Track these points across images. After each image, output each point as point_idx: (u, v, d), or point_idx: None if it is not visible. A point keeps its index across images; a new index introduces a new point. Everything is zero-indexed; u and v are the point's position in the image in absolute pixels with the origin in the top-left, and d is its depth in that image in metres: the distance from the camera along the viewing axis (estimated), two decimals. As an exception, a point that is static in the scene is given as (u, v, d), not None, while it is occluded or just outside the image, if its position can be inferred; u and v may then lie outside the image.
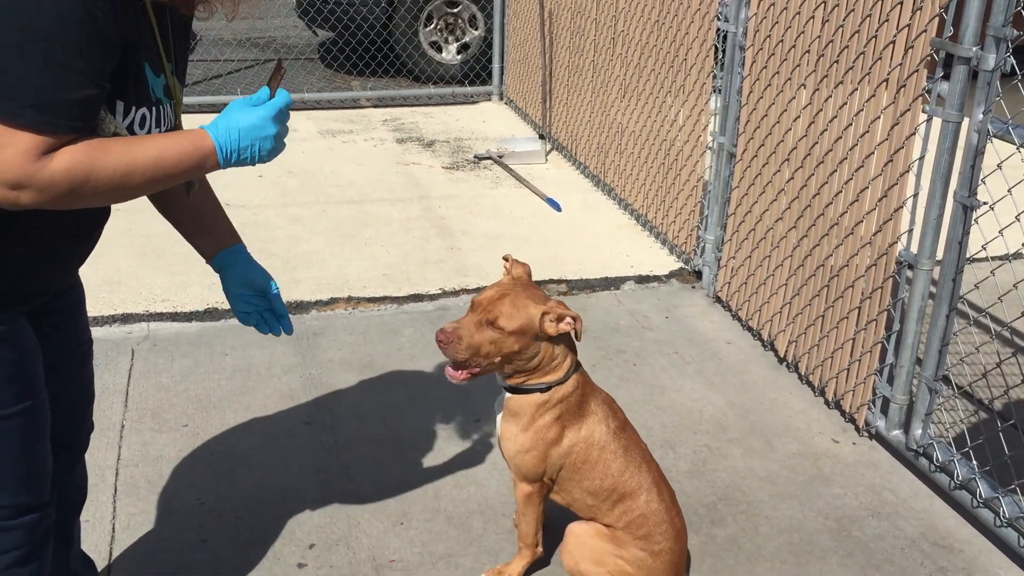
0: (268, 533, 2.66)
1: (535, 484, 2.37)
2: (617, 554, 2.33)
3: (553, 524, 2.48)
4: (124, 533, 2.64)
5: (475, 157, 6.03)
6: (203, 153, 1.62)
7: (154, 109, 1.66)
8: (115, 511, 2.72)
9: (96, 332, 3.56)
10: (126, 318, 3.80)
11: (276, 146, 1.68)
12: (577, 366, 2.35)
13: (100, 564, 2.51)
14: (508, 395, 2.34)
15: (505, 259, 2.42)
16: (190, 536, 2.64)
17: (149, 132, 1.64)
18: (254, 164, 1.68)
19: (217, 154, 1.62)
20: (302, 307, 3.96)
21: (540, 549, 2.48)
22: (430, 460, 3.01)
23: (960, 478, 2.82)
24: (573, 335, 2.29)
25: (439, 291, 4.19)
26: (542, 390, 2.30)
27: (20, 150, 1.44)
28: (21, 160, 1.45)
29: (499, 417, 2.39)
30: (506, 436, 2.36)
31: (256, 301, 2.06)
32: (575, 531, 2.39)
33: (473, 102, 7.41)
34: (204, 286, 4.07)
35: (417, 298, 4.12)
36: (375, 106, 7.21)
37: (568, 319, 2.24)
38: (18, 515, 1.79)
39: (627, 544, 2.33)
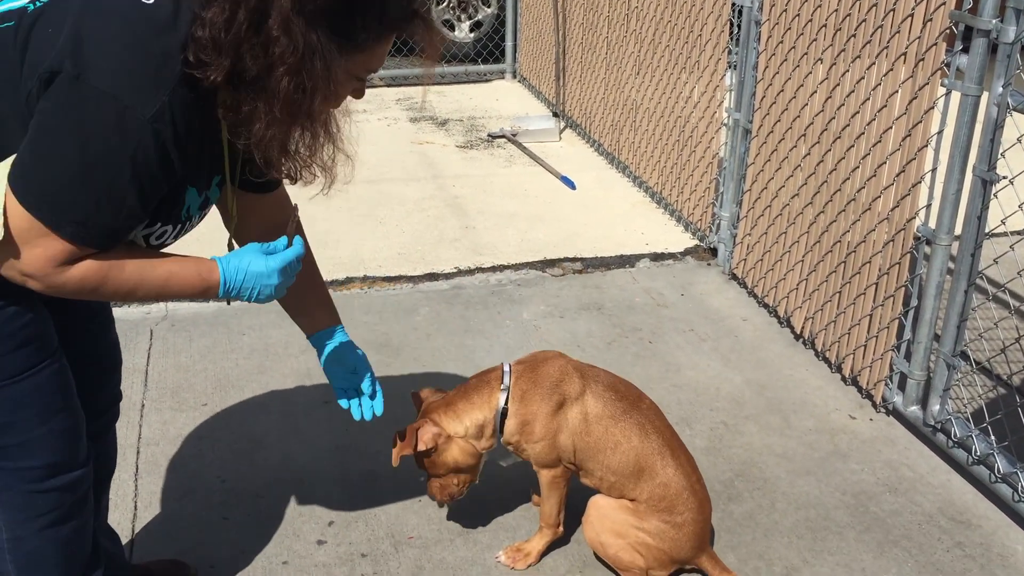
0: (288, 510, 2.69)
1: (556, 468, 2.38)
2: (638, 526, 2.34)
3: (573, 504, 2.49)
4: (146, 511, 2.67)
5: (489, 136, 6.01)
6: (207, 285, 1.74)
7: (177, 226, 1.75)
8: (137, 489, 2.75)
9: (115, 312, 3.57)
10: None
11: (275, 293, 1.80)
12: (506, 387, 2.38)
13: (122, 541, 2.53)
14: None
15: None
16: (211, 514, 2.67)
17: (163, 243, 1.73)
18: (249, 302, 1.80)
19: (220, 287, 1.74)
20: (318, 287, 3.98)
21: (561, 529, 2.50)
22: (447, 438, 3.02)
23: (978, 453, 2.81)
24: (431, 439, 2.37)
25: (454, 270, 4.19)
26: (503, 414, 2.39)
27: (49, 254, 1.55)
28: (45, 262, 1.56)
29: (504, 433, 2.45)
30: (512, 442, 2.42)
31: (348, 378, 2.21)
32: (597, 503, 2.40)
33: (486, 80, 7.38)
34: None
35: (432, 277, 4.13)
36: (388, 85, 7.19)
37: (422, 441, 2.36)
38: (51, 476, 1.82)
39: (648, 516, 2.34)
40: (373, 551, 2.55)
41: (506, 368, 2.41)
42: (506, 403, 2.37)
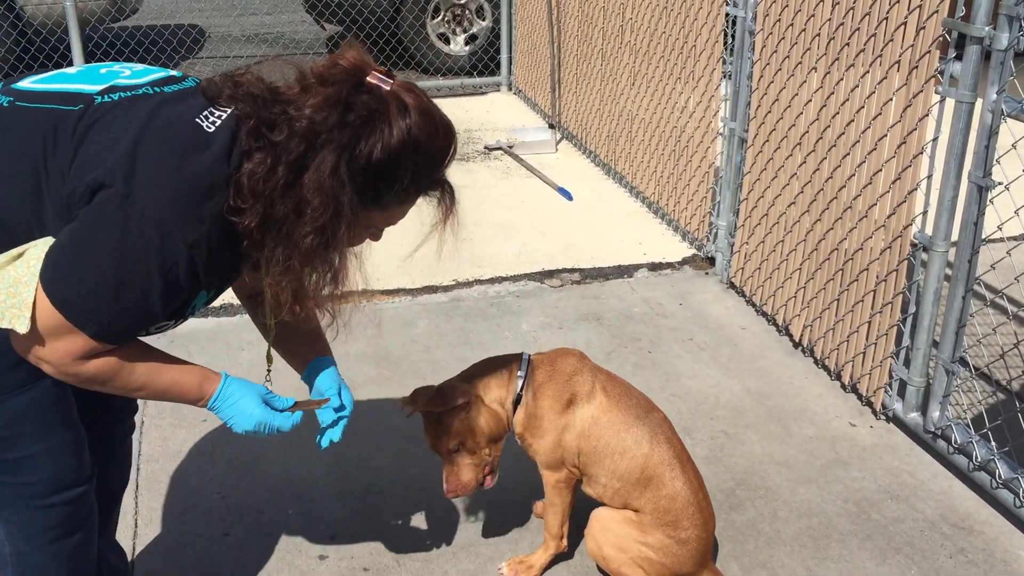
0: (289, 526, 2.68)
1: (561, 471, 2.38)
2: (642, 540, 2.33)
3: (577, 517, 2.48)
4: (147, 528, 2.67)
5: (485, 148, 6.02)
6: (202, 396, 1.83)
7: (180, 320, 1.80)
8: (137, 506, 2.74)
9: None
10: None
11: (247, 433, 1.88)
12: (523, 374, 2.37)
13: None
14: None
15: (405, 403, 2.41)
16: (212, 530, 2.66)
17: (162, 331, 1.80)
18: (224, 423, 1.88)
19: (210, 400, 1.83)
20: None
21: (565, 543, 2.48)
22: (448, 451, 3.02)
23: (979, 459, 2.81)
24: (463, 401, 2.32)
25: (453, 282, 4.19)
26: (517, 400, 2.37)
27: (69, 349, 1.63)
28: (64, 355, 1.63)
29: (514, 422, 2.42)
30: (519, 434, 2.41)
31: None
32: (600, 515, 2.39)
33: (482, 93, 7.40)
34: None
35: (431, 290, 4.13)
36: (384, 99, 7.20)
37: (461, 397, 2.30)
38: (53, 492, 1.82)
39: (652, 530, 2.32)
40: (375, 565, 2.55)
41: (525, 357, 2.41)
42: (520, 391, 2.36)
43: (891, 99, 2.99)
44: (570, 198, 5.20)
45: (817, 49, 3.36)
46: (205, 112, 1.67)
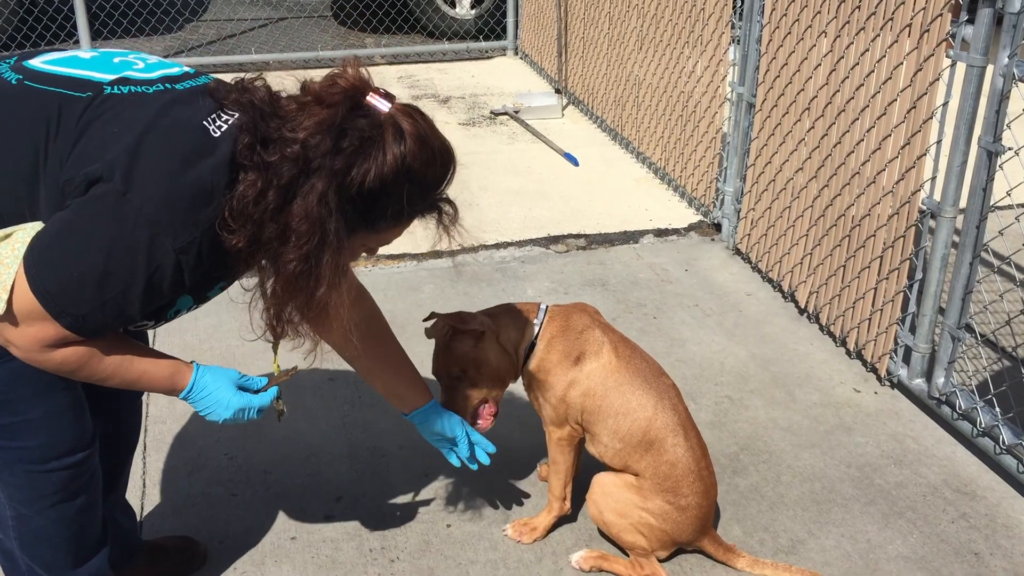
0: (295, 487, 2.70)
1: (564, 428, 2.38)
2: (642, 506, 2.34)
3: (581, 481, 2.50)
4: (154, 488, 2.69)
5: (491, 113, 5.99)
6: (173, 388, 1.82)
7: (161, 323, 1.80)
8: (145, 467, 2.76)
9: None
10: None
11: (221, 422, 1.89)
12: (540, 322, 2.38)
13: (132, 518, 2.56)
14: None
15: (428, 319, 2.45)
16: (219, 490, 2.68)
17: (140, 332, 1.80)
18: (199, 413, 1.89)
19: (182, 392, 1.83)
20: (322, 265, 3.98)
21: (568, 504, 2.50)
22: (453, 414, 3.03)
23: (983, 425, 2.82)
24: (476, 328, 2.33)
25: (458, 247, 4.18)
26: (531, 347, 2.37)
27: (40, 336, 1.61)
28: (34, 342, 1.61)
29: (523, 372, 2.42)
30: (527, 385, 2.42)
31: (448, 443, 2.32)
32: (601, 480, 2.40)
33: (488, 57, 7.35)
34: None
35: (436, 254, 4.13)
36: (389, 63, 7.16)
37: (473, 325, 2.31)
38: (52, 457, 1.82)
39: (653, 496, 2.33)
40: (381, 526, 2.57)
41: (543, 307, 2.42)
42: (535, 339, 2.37)
43: (902, 63, 2.96)
44: (576, 163, 5.18)
45: (827, 13, 3.32)
46: (213, 115, 1.65)
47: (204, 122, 1.64)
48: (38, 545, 1.90)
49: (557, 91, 6.19)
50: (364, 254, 1.87)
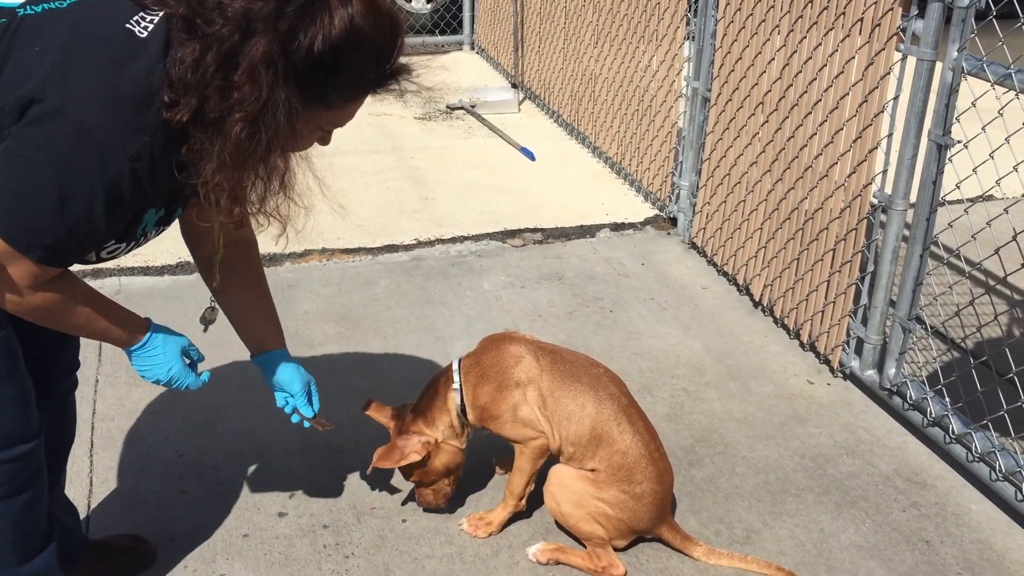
0: (248, 484, 2.66)
1: (531, 443, 2.39)
2: (598, 496, 2.34)
3: (540, 477, 2.48)
4: (102, 486, 2.63)
5: (447, 107, 5.96)
6: (128, 341, 1.88)
7: (132, 243, 1.79)
8: (92, 465, 2.70)
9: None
10: (96, 272, 3.75)
11: (151, 381, 1.94)
12: (458, 386, 2.42)
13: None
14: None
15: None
16: (169, 488, 2.63)
17: (114, 256, 1.79)
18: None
19: (132, 347, 1.88)
20: (276, 259, 3.93)
21: (524, 503, 2.49)
22: (409, 408, 3.01)
23: (933, 415, 2.86)
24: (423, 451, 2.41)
25: (414, 241, 4.16)
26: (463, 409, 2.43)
27: (17, 276, 1.60)
28: (11, 285, 1.62)
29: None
30: (483, 425, 2.47)
31: (287, 397, 2.29)
32: (557, 472, 2.40)
33: (444, 51, 7.32)
34: (175, 239, 4.00)
35: (392, 248, 4.09)
36: (345, 57, 7.09)
37: (412, 454, 2.40)
38: (4, 447, 1.79)
39: (608, 486, 2.33)
40: (335, 522, 2.54)
41: (455, 366, 2.44)
42: (462, 400, 2.41)
43: (853, 57, 2.99)
44: (533, 158, 5.18)
45: (780, 8, 3.35)
46: (136, 17, 1.58)
47: (127, 25, 1.56)
48: None
49: (514, 86, 6.18)
50: (318, 143, 1.79)
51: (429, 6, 7.62)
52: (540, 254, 4.11)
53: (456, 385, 2.42)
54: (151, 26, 1.57)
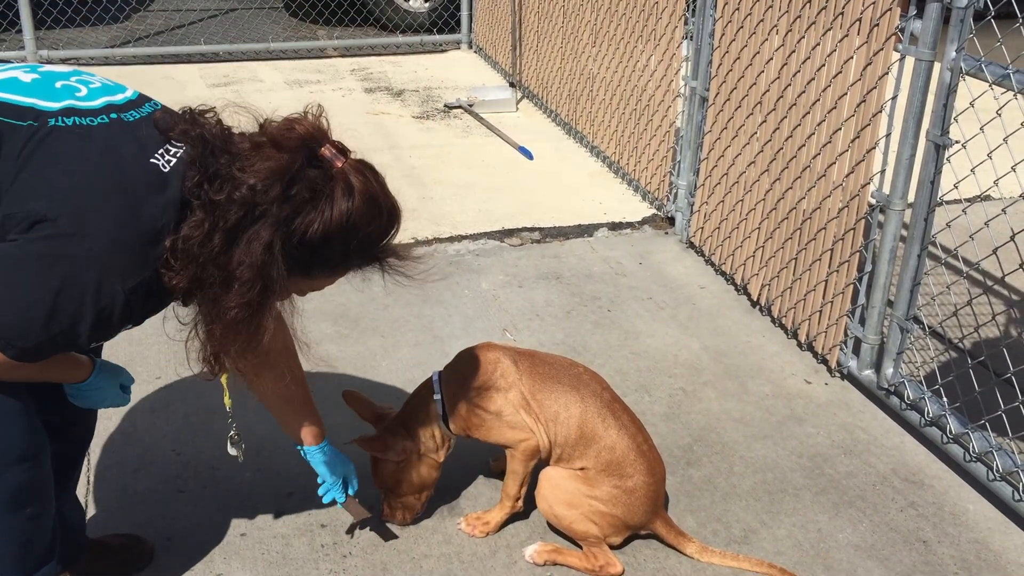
0: (245, 483, 2.66)
1: (520, 445, 2.38)
2: (590, 494, 2.34)
3: (532, 480, 2.48)
4: (100, 484, 2.62)
5: (445, 106, 5.96)
6: (72, 380, 1.89)
7: (109, 339, 1.81)
8: (89, 463, 2.70)
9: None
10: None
11: (89, 407, 1.99)
12: (438, 395, 2.42)
13: (76, 516, 2.49)
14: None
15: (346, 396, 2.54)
16: (166, 486, 2.63)
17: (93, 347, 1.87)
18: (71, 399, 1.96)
19: (75, 384, 1.90)
20: (273, 258, 3.92)
21: (521, 504, 2.49)
22: (406, 408, 3.00)
23: (930, 415, 2.86)
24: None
25: (412, 240, 4.16)
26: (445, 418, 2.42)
27: None
28: None
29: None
30: (470, 435, 2.46)
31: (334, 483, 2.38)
32: (548, 475, 2.40)
33: (442, 51, 7.31)
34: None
35: (390, 248, 4.08)
36: (342, 56, 7.09)
37: (392, 453, 2.40)
38: (10, 463, 1.78)
39: (599, 483, 2.34)
40: (333, 521, 2.53)
41: (435, 378, 2.45)
42: (443, 410, 2.41)
43: (851, 57, 2.99)
44: (531, 157, 5.17)
45: (779, 7, 3.35)
46: (161, 150, 1.63)
47: (152, 159, 1.61)
48: None
49: (511, 85, 6.18)
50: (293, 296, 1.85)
51: (427, 5, 7.62)
52: (538, 253, 4.10)
53: (437, 395, 2.42)
54: (174, 160, 1.62)
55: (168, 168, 1.61)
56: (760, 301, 3.67)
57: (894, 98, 2.89)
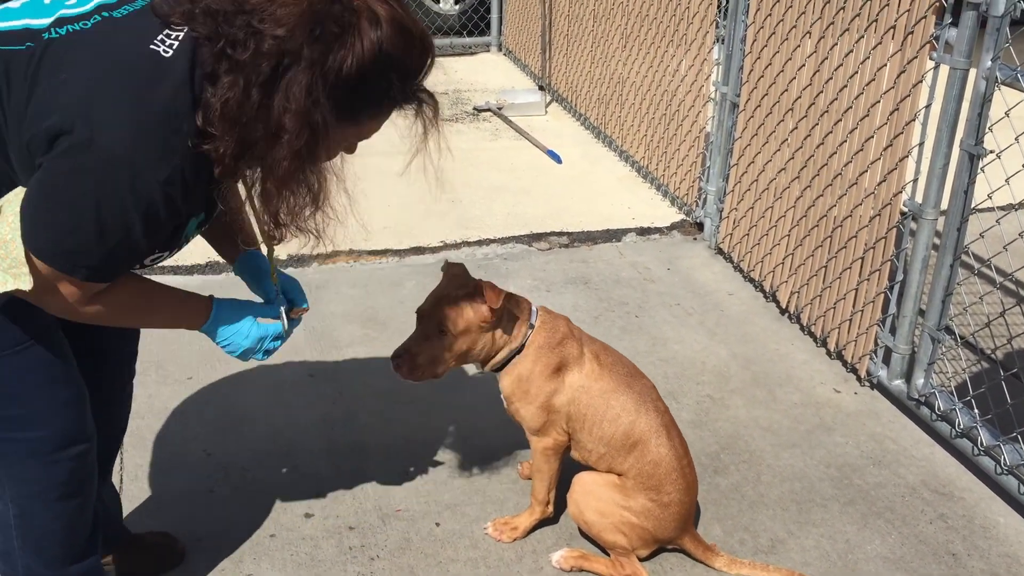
0: (275, 484, 2.68)
1: (548, 437, 2.38)
2: (624, 505, 2.33)
3: (563, 482, 2.48)
4: (132, 484, 2.66)
5: (474, 109, 5.97)
6: (194, 324, 1.90)
7: (174, 250, 1.82)
8: (122, 462, 2.73)
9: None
10: (127, 272, 3.79)
11: (241, 357, 1.96)
12: (532, 326, 2.34)
13: (109, 515, 2.53)
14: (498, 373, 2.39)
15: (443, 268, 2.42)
16: (197, 487, 2.66)
17: (158, 262, 1.81)
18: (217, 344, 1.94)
19: (203, 325, 1.90)
20: (303, 260, 3.96)
21: (551, 508, 2.49)
22: (434, 412, 3.02)
23: (961, 426, 2.83)
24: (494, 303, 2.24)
25: (440, 243, 4.17)
26: (517, 352, 2.34)
27: (68, 294, 1.65)
28: (66, 302, 1.66)
29: (500, 377, 2.40)
30: (507, 396, 2.39)
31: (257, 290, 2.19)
32: (583, 480, 2.40)
33: (472, 53, 7.33)
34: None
35: (419, 251, 4.11)
36: (373, 58, 7.12)
37: (490, 297, 2.23)
38: (60, 446, 1.84)
39: (635, 494, 2.33)
40: (361, 524, 2.55)
41: (534, 310, 2.37)
42: (523, 344, 2.33)
43: (885, 65, 2.97)
44: (559, 161, 5.18)
45: (812, 13, 3.33)
46: (160, 36, 1.58)
47: (152, 46, 1.57)
48: (41, 541, 1.91)
49: (541, 88, 6.18)
50: (344, 152, 1.82)
51: (457, 7, 7.64)
52: (566, 257, 4.11)
53: (531, 324, 2.33)
54: (176, 44, 1.58)
55: (171, 53, 1.57)
56: (789, 308, 3.65)
57: (928, 106, 2.87)
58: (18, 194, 1.60)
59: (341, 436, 2.90)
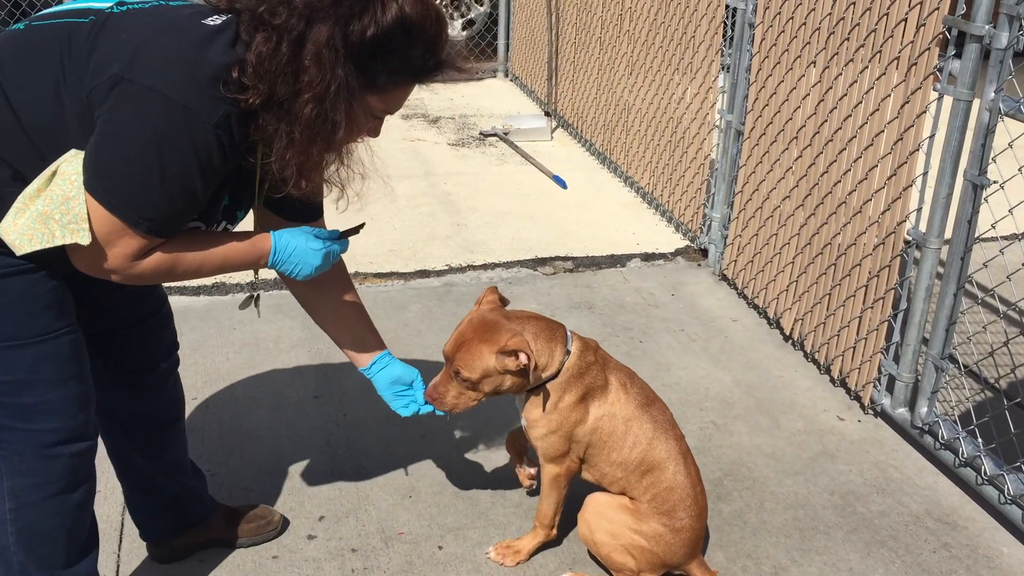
0: (278, 505, 2.68)
1: (562, 464, 2.38)
2: (635, 528, 2.33)
3: (569, 506, 2.48)
4: (135, 504, 2.66)
5: (480, 134, 6.02)
6: (260, 254, 1.92)
7: (208, 225, 1.90)
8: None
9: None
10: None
11: (311, 273, 1.98)
12: (568, 352, 2.30)
13: (112, 534, 2.53)
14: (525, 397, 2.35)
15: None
16: (200, 507, 2.66)
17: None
18: (290, 276, 1.97)
19: (270, 256, 1.93)
20: (309, 282, 3.97)
21: (555, 532, 2.49)
22: (438, 435, 3.03)
23: (965, 455, 2.83)
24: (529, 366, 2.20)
25: (445, 267, 4.19)
26: (551, 379, 2.30)
27: (127, 251, 1.72)
28: (124, 259, 1.73)
29: (522, 401, 2.37)
30: (530, 421, 2.36)
31: (404, 387, 2.34)
32: (596, 500, 2.40)
33: (478, 79, 7.39)
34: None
35: (424, 274, 4.13)
36: (380, 82, 7.17)
37: (523, 355, 2.18)
38: (63, 441, 1.89)
39: (648, 518, 2.33)
40: (363, 546, 2.55)
41: (569, 336, 2.32)
42: (557, 372, 2.29)
43: (889, 95, 3.00)
44: (565, 186, 5.20)
45: (816, 43, 3.36)
46: (212, 17, 1.75)
47: (202, 20, 1.74)
48: (35, 538, 1.94)
49: (547, 114, 6.23)
50: (368, 136, 1.91)
51: (465, 33, 7.71)
52: (570, 283, 4.12)
53: (567, 351, 2.29)
54: (221, 19, 1.74)
55: (218, 22, 1.73)
56: (793, 336, 3.66)
57: (931, 137, 2.89)
58: (76, 155, 1.69)
59: (345, 458, 2.90)
